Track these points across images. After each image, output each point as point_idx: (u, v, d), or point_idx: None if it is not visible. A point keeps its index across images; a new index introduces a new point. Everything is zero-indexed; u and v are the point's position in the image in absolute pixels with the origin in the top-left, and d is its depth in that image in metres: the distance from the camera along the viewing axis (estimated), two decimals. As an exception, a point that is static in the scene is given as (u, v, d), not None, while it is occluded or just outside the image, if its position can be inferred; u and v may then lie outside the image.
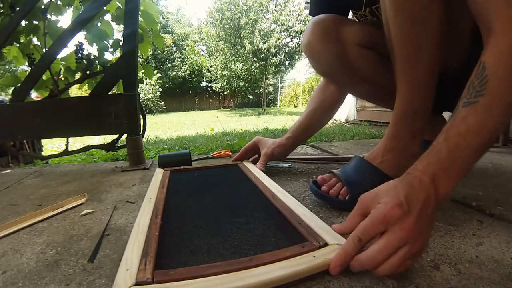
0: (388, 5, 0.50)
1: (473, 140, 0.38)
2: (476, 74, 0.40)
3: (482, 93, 0.38)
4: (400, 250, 0.34)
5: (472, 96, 0.39)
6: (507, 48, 0.38)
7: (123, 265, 0.35)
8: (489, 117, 0.38)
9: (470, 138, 0.38)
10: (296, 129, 0.86)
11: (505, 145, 1.30)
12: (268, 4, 10.42)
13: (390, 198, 0.36)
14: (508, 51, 0.38)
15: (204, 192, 0.65)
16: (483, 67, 0.39)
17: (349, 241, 0.36)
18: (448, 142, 0.39)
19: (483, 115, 0.38)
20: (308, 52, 0.70)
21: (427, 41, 0.50)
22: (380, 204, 0.37)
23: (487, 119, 0.38)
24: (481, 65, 0.39)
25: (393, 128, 0.58)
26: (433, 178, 0.38)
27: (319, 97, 0.86)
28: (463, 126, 0.39)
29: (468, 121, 0.38)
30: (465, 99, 0.40)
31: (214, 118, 7.31)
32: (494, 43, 0.40)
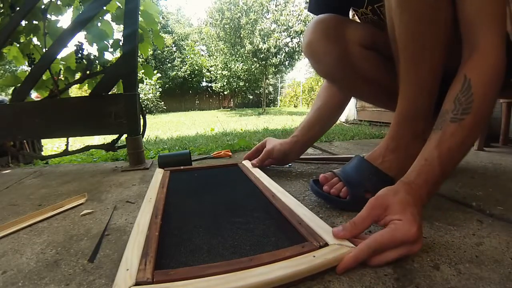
0: (393, 4, 0.49)
1: (459, 155, 0.45)
2: (462, 90, 0.44)
3: (468, 112, 0.43)
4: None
5: (459, 113, 0.44)
6: (492, 68, 0.44)
7: (123, 265, 0.35)
8: (473, 132, 0.44)
9: (457, 153, 0.44)
10: (303, 126, 0.83)
11: (505, 145, 1.30)
12: (268, 4, 10.42)
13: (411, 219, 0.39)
14: (492, 72, 0.44)
15: (204, 192, 0.65)
16: (468, 84, 0.44)
17: (364, 250, 0.37)
18: (441, 159, 0.44)
19: (469, 132, 0.44)
20: (309, 52, 0.69)
21: (433, 41, 0.49)
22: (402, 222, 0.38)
23: (471, 134, 0.44)
24: (467, 82, 0.44)
25: (395, 128, 0.58)
26: (428, 192, 0.44)
27: (324, 94, 0.83)
28: (453, 141, 0.44)
29: (456, 137, 0.44)
30: (452, 114, 0.45)
31: (214, 118, 7.31)
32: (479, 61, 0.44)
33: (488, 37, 0.44)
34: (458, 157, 0.45)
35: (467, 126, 0.43)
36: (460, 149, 0.44)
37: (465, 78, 0.45)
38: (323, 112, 0.83)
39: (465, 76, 0.45)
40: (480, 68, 0.44)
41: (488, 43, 0.44)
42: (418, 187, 0.43)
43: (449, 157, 0.44)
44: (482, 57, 0.44)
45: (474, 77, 0.44)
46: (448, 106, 0.46)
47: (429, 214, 0.54)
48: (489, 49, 0.44)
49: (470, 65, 0.45)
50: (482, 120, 0.44)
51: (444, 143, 0.44)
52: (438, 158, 0.44)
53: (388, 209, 0.40)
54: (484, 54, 0.44)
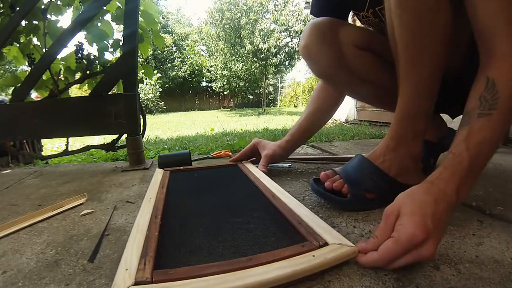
0: (393, 5, 0.50)
1: (489, 149, 0.43)
2: (487, 89, 0.44)
3: (495, 107, 0.43)
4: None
5: (486, 109, 0.43)
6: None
7: (122, 264, 0.35)
8: (501, 128, 0.43)
9: (487, 147, 0.43)
10: (295, 132, 0.86)
11: (505, 145, 1.30)
12: (268, 4, 10.42)
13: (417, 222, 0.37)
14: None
15: (204, 192, 0.65)
16: (493, 83, 0.44)
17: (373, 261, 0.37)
18: (470, 151, 0.42)
19: (496, 126, 0.43)
20: (306, 54, 0.70)
21: (432, 42, 0.50)
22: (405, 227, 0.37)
23: (499, 129, 0.43)
24: (491, 82, 0.44)
25: (395, 127, 0.58)
26: (457, 188, 0.40)
27: (317, 98, 0.86)
28: (480, 135, 0.43)
29: (485, 131, 0.43)
30: (478, 110, 0.44)
31: (214, 118, 7.31)
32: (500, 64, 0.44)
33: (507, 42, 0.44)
34: (488, 152, 0.43)
35: (495, 120, 0.42)
36: (489, 143, 0.43)
37: (487, 79, 0.44)
38: (315, 117, 0.86)
39: (487, 77, 0.44)
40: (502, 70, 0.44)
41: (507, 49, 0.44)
42: (443, 182, 0.41)
43: (478, 150, 0.42)
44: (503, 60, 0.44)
45: (497, 77, 0.43)
46: (473, 104, 0.45)
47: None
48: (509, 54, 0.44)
49: (491, 68, 0.45)
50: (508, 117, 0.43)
51: (472, 136, 0.43)
52: (466, 150, 0.42)
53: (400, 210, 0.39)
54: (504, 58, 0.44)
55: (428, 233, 0.36)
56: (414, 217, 0.37)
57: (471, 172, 0.42)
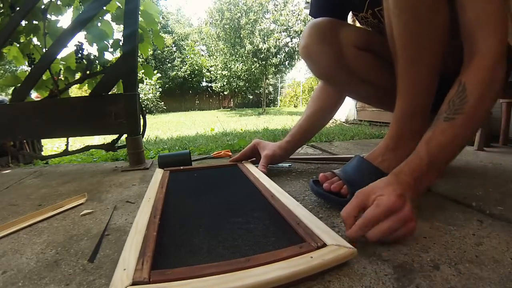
0: (392, 5, 0.50)
1: (449, 150, 0.47)
2: (457, 93, 0.47)
3: (460, 112, 0.45)
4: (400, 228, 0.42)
5: (451, 113, 0.46)
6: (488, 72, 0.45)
7: (120, 265, 0.35)
8: (463, 131, 0.46)
9: (446, 149, 0.47)
10: (295, 133, 0.86)
11: (505, 145, 1.30)
12: (268, 4, 10.42)
13: (391, 190, 0.43)
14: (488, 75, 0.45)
15: (203, 192, 0.65)
16: (463, 87, 0.46)
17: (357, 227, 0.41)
18: (429, 153, 0.46)
19: (459, 130, 0.46)
20: (306, 54, 0.70)
21: (431, 42, 0.50)
22: (383, 196, 0.42)
23: (461, 133, 0.46)
24: (462, 86, 0.46)
25: (394, 127, 0.58)
26: (415, 180, 0.45)
27: (318, 99, 0.86)
28: (442, 138, 0.46)
29: (446, 134, 0.46)
30: (445, 114, 0.47)
31: (214, 118, 7.31)
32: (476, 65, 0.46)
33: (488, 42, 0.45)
34: (448, 154, 0.48)
35: (457, 125, 0.46)
36: (450, 146, 0.47)
37: (460, 83, 0.47)
38: (315, 119, 0.86)
39: (460, 81, 0.47)
40: (476, 72, 0.46)
41: (485, 48, 0.45)
42: (404, 175, 0.45)
43: (438, 151, 0.46)
44: (479, 61, 0.46)
45: (468, 81, 0.46)
46: (443, 108, 0.48)
47: (429, 214, 0.54)
48: (487, 54, 0.45)
49: (468, 70, 0.47)
50: (475, 121, 0.47)
51: (433, 139, 0.47)
52: (426, 152, 0.46)
53: (372, 194, 0.44)
54: (481, 59, 0.46)
55: (403, 200, 0.41)
56: (389, 190, 0.43)
57: (430, 170, 0.46)
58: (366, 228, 0.41)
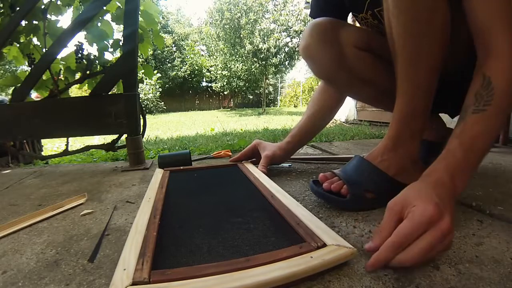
0: (391, 5, 0.50)
1: (482, 142, 0.44)
2: (483, 86, 0.45)
3: (489, 103, 0.44)
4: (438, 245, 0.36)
5: (480, 105, 0.45)
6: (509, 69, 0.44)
7: (120, 264, 0.35)
8: (495, 123, 0.44)
9: (480, 141, 0.44)
10: (296, 133, 0.86)
11: (505, 145, 1.30)
12: (268, 4, 10.42)
13: (425, 200, 0.38)
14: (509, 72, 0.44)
15: (203, 192, 0.65)
16: (488, 81, 0.45)
17: (387, 248, 0.35)
18: (463, 145, 0.44)
19: (490, 121, 0.44)
20: (306, 54, 0.70)
21: (430, 42, 0.50)
22: (417, 207, 0.37)
23: (493, 124, 0.44)
24: (487, 79, 0.45)
25: (393, 127, 0.58)
26: (452, 176, 0.42)
27: (318, 100, 0.86)
28: (474, 130, 0.44)
29: (478, 126, 0.44)
30: (473, 107, 0.45)
31: (214, 118, 7.31)
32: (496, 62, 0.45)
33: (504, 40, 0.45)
34: (482, 145, 0.45)
35: (489, 116, 0.44)
36: (483, 138, 0.44)
37: (484, 76, 0.46)
38: (316, 119, 0.86)
39: (483, 75, 0.46)
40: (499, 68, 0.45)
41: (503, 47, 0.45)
42: (438, 173, 0.42)
43: (471, 144, 0.44)
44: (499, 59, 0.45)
45: (493, 75, 0.45)
46: (469, 101, 0.46)
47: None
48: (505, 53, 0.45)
49: (488, 66, 0.46)
50: (504, 113, 0.45)
51: (466, 132, 0.45)
52: (459, 145, 0.44)
53: (405, 204, 0.39)
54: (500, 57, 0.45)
55: (440, 209, 0.36)
56: (422, 199, 0.38)
57: (466, 164, 0.43)
58: (399, 249, 0.35)
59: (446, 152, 0.45)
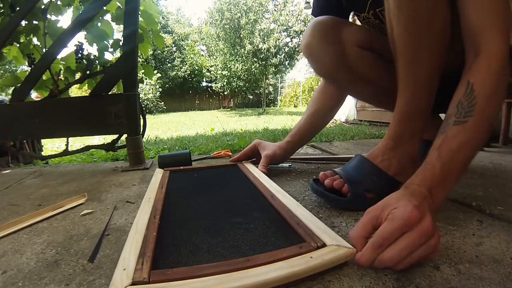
0: (392, 5, 0.50)
1: (463, 155, 0.43)
2: (465, 94, 0.44)
3: (470, 114, 0.43)
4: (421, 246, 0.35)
5: (461, 116, 0.44)
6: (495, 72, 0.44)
7: (120, 264, 0.35)
8: (476, 134, 0.43)
9: (460, 153, 0.43)
10: (295, 133, 0.86)
11: (505, 145, 1.30)
12: (268, 4, 10.42)
13: (406, 202, 0.37)
14: (495, 76, 0.44)
15: (203, 192, 0.65)
16: (471, 89, 0.44)
17: (369, 248, 0.35)
18: (442, 159, 0.43)
19: (471, 133, 0.43)
20: (308, 53, 0.70)
21: (431, 42, 0.50)
22: (397, 209, 0.37)
23: (474, 136, 0.43)
24: (470, 87, 0.44)
25: (394, 127, 0.58)
26: (429, 190, 0.41)
27: (318, 99, 0.86)
28: (454, 143, 0.43)
29: (459, 138, 0.43)
30: (454, 118, 0.44)
31: (214, 118, 7.31)
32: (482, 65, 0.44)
33: (492, 41, 0.44)
34: (461, 159, 0.43)
35: (469, 128, 0.43)
36: (463, 150, 0.43)
37: (467, 83, 0.45)
38: (315, 119, 0.86)
39: (468, 82, 0.45)
40: (483, 72, 0.44)
41: (491, 48, 0.44)
42: (415, 186, 0.42)
43: (450, 157, 0.43)
44: (485, 61, 0.44)
45: (476, 81, 0.44)
46: (451, 111, 0.46)
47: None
48: (493, 54, 0.44)
49: (473, 70, 0.45)
50: (486, 122, 0.44)
51: (445, 144, 0.43)
52: (437, 158, 0.43)
53: (384, 208, 0.39)
54: (487, 59, 0.44)
55: (420, 211, 0.36)
56: (402, 202, 0.38)
57: (444, 178, 0.42)
58: (380, 249, 0.35)
59: (425, 165, 0.44)
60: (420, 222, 0.35)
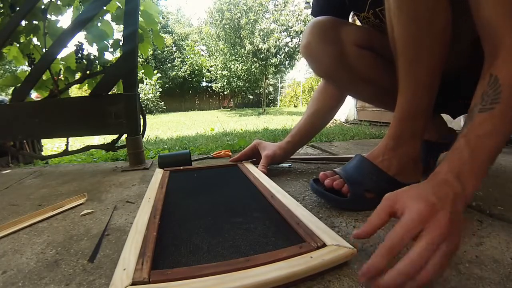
0: (392, 5, 0.50)
1: (491, 142, 0.41)
2: (489, 84, 0.43)
3: (497, 101, 0.41)
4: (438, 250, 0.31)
5: (487, 103, 0.42)
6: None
7: (120, 264, 0.35)
8: (504, 121, 0.41)
9: (488, 140, 0.41)
10: (296, 133, 0.86)
11: (505, 145, 1.30)
12: (268, 4, 10.43)
13: (418, 200, 0.35)
14: None
15: (203, 192, 0.65)
16: (495, 79, 0.43)
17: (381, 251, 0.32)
18: (469, 145, 0.41)
19: (498, 120, 0.41)
20: (307, 53, 0.70)
21: (431, 42, 0.50)
22: (408, 208, 0.35)
23: (502, 123, 0.41)
24: (493, 77, 0.43)
25: (394, 127, 0.58)
26: (457, 176, 0.39)
27: (318, 99, 0.86)
28: (481, 129, 0.41)
29: (486, 125, 0.41)
30: (480, 106, 0.43)
31: (214, 118, 7.31)
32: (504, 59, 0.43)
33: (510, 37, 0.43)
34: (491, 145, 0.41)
35: (497, 114, 0.41)
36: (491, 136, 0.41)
37: (490, 75, 0.44)
38: (316, 119, 0.85)
39: (490, 74, 0.44)
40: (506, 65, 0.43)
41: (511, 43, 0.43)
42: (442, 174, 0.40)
43: (479, 143, 0.41)
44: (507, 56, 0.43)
45: (500, 72, 0.43)
46: (476, 101, 0.44)
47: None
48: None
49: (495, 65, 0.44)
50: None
51: (472, 131, 0.42)
52: (466, 144, 0.41)
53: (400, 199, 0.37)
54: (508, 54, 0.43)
55: (433, 207, 0.34)
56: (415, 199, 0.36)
57: (473, 163, 0.40)
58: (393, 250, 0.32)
59: (452, 152, 0.42)
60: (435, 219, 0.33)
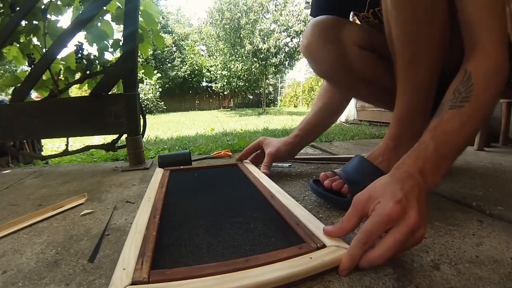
0: (389, 5, 0.50)
1: (456, 139, 0.43)
2: (462, 81, 0.45)
3: (467, 100, 0.43)
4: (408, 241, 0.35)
5: (458, 101, 0.44)
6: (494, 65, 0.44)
7: (120, 264, 0.35)
8: (471, 121, 0.43)
9: (454, 137, 0.43)
10: (304, 126, 0.83)
11: (505, 145, 1.30)
12: (268, 4, 10.43)
13: (389, 196, 0.37)
14: (493, 69, 0.44)
15: (203, 192, 0.65)
16: (469, 76, 0.44)
17: (354, 246, 0.36)
18: (435, 140, 0.42)
19: (466, 118, 0.43)
20: (308, 53, 0.70)
21: (429, 42, 0.50)
22: (380, 203, 0.37)
23: (469, 122, 0.43)
24: (467, 75, 0.44)
25: (394, 127, 0.58)
26: (421, 171, 0.40)
27: (325, 95, 0.84)
28: (448, 126, 0.43)
29: (453, 122, 0.43)
30: (450, 102, 0.44)
31: (214, 118, 7.31)
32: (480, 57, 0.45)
33: (490, 36, 0.44)
34: (456, 141, 0.43)
35: (464, 113, 0.43)
36: (458, 134, 0.43)
37: (465, 72, 0.45)
38: (324, 113, 0.83)
39: (465, 70, 0.45)
40: (481, 63, 0.44)
41: (489, 42, 0.44)
42: (406, 166, 0.41)
43: (445, 139, 0.42)
44: (484, 55, 0.45)
45: (474, 70, 0.44)
46: (447, 97, 0.46)
47: (429, 214, 0.54)
48: (491, 48, 0.44)
49: (471, 61, 0.45)
50: (482, 110, 0.44)
51: (439, 126, 0.43)
52: (431, 139, 0.43)
53: (371, 198, 0.39)
54: (485, 52, 0.45)
55: (402, 205, 0.36)
56: (385, 195, 0.37)
57: (437, 158, 0.42)
58: (366, 246, 0.36)
59: (418, 145, 0.43)
60: (404, 217, 0.35)
